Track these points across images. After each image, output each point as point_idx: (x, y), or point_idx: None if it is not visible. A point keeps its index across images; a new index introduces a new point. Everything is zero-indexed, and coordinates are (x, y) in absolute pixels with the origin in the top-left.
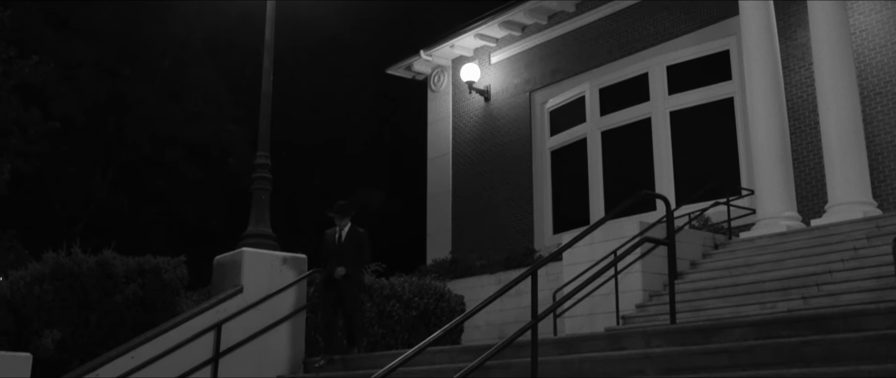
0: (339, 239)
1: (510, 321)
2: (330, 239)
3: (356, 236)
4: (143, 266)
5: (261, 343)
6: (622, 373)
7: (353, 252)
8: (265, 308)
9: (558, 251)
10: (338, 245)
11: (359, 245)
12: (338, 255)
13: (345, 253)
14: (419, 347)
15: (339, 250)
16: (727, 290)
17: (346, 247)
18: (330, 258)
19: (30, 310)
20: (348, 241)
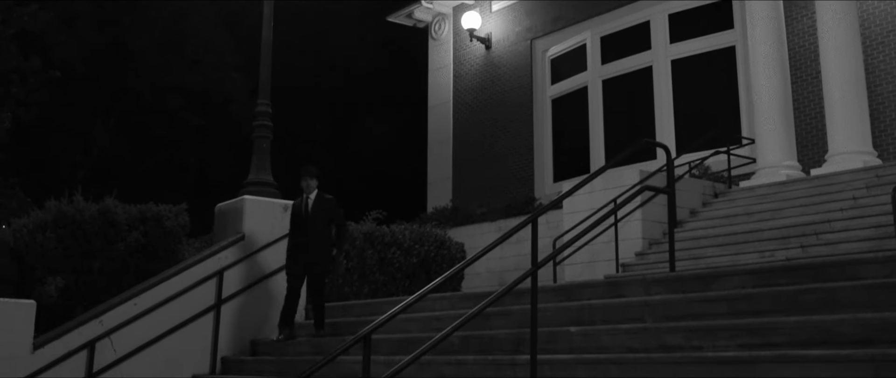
0: (306, 208)
1: (510, 269)
2: (297, 208)
3: (324, 204)
4: (145, 214)
5: (263, 290)
6: (621, 320)
7: (322, 223)
8: (267, 255)
9: (558, 199)
10: (304, 215)
11: (328, 214)
12: (304, 227)
13: (311, 223)
14: (420, 294)
15: (306, 221)
16: (726, 238)
17: (313, 216)
18: (296, 229)
19: (33, 257)
20: (316, 211)
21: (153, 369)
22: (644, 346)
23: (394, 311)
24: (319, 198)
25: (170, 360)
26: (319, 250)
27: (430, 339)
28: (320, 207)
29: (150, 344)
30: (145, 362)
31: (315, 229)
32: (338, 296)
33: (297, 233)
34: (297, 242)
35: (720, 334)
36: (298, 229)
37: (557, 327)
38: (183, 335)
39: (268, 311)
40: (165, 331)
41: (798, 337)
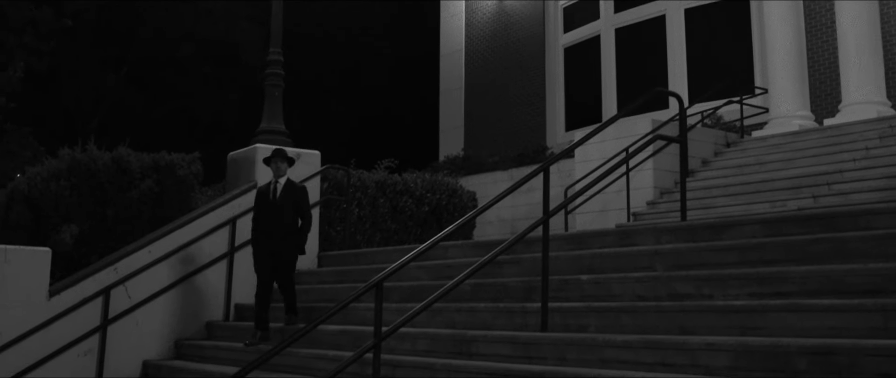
0: (274, 194)
1: (522, 217)
2: (263, 193)
3: (293, 192)
4: (158, 162)
5: None
6: (632, 268)
7: (289, 211)
8: None
9: (570, 148)
10: (271, 200)
11: (295, 202)
12: (270, 214)
13: (278, 211)
14: (431, 242)
15: (272, 208)
16: (738, 188)
17: (280, 204)
18: (261, 215)
19: (47, 205)
20: (284, 198)
21: (168, 316)
22: (654, 295)
23: (405, 259)
24: (290, 185)
25: (184, 307)
26: (284, 239)
27: (441, 286)
28: (289, 195)
29: (165, 291)
30: (160, 309)
31: (281, 218)
32: (350, 244)
33: (261, 219)
34: (260, 230)
35: (731, 283)
36: (263, 216)
37: (568, 276)
38: (197, 282)
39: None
40: (180, 278)
41: (808, 286)
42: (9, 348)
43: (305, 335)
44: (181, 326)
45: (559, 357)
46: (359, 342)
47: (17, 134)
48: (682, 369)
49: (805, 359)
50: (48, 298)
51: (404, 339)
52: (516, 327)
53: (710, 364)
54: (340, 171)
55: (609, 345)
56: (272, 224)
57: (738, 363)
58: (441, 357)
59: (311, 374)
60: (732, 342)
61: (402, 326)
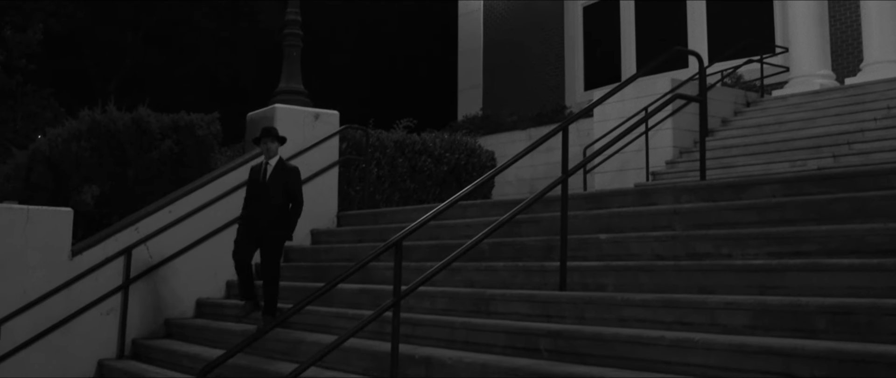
0: (265, 175)
1: (540, 177)
2: (254, 174)
3: (284, 174)
4: (178, 122)
5: None
6: (651, 228)
7: (280, 193)
8: (298, 163)
9: (589, 107)
10: (263, 182)
11: (285, 184)
12: (260, 196)
13: (269, 192)
14: (450, 201)
15: (265, 188)
16: (758, 147)
17: (271, 185)
18: (251, 198)
19: (68, 166)
20: (274, 180)
21: (189, 275)
22: (673, 254)
23: (424, 218)
24: (280, 166)
25: (205, 266)
26: (272, 223)
27: (460, 245)
28: (280, 176)
29: (186, 250)
30: (181, 269)
31: (271, 200)
32: (369, 203)
33: (251, 202)
34: (249, 213)
35: (750, 243)
36: (253, 198)
37: (587, 235)
38: (217, 242)
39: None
40: (200, 237)
41: (828, 246)
42: (33, 307)
43: (325, 294)
44: (201, 286)
45: (578, 316)
46: (378, 301)
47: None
48: (700, 328)
49: (824, 318)
50: (71, 258)
51: (423, 298)
52: (535, 286)
53: (729, 323)
54: (359, 131)
55: (627, 304)
56: (260, 207)
57: (756, 322)
58: (460, 315)
59: (331, 333)
60: (751, 301)
61: (421, 285)
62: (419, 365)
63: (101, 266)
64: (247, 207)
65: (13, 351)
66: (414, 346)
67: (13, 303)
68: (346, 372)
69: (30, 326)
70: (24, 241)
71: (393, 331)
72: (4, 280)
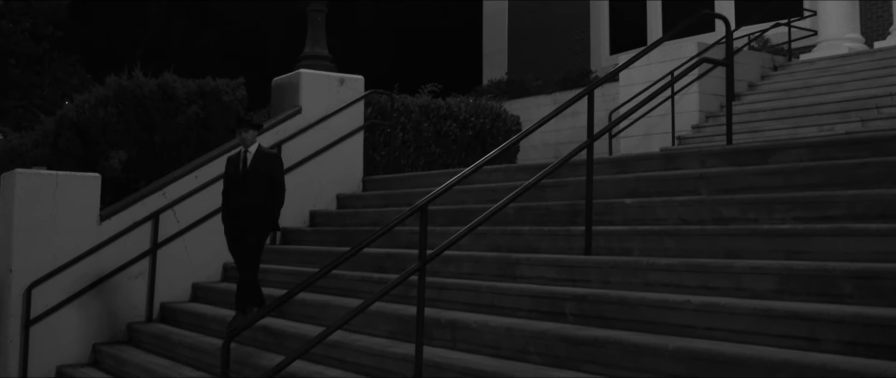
0: (244, 164)
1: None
2: (233, 163)
3: (265, 161)
4: (203, 88)
5: (320, 163)
6: (677, 192)
7: (261, 182)
8: (323, 128)
9: (615, 71)
10: (242, 171)
11: (268, 173)
12: (239, 187)
13: (249, 183)
14: (475, 166)
15: (243, 179)
16: (785, 112)
17: (251, 174)
18: (231, 189)
19: (96, 132)
20: (253, 169)
21: (215, 239)
22: (699, 219)
23: (450, 183)
24: (260, 154)
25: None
26: (254, 216)
27: (485, 210)
28: (261, 165)
29: (212, 215)
30: (207, 233)
31: (252, 190)
32: (394, 168)
33: (230, 194)
34: (229, 207)
35: (776, 207)
36: (233, 190)
37: (613, 199)
38: None
39: (324, 184)
40: None
41: (855, 210)
42: (63, 271)
43: (351, 258)
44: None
45: (603, 280)
46: (403, 265)
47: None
48: (725, 293)
49: (850, 283)
50: (99, 223)
51: (449, 262)
52: (560, 250)
53: (755, 288)
54: (384, 96)
55: (653, 268)
56: (239, 199)
57: (782, 287)
58: (485, 279)
59: (357, 296)
60: (777, 266)
61: (446, 249)
62: (445, 328)
63: (129, 231)
64: (227, 201)
65: (44, 314)
66: (439, 310)
67: (43, 267)
68: (372, 335)
69: (60, 290)
70: (53, 206)
71: (418, 295)
72: (34, 244)
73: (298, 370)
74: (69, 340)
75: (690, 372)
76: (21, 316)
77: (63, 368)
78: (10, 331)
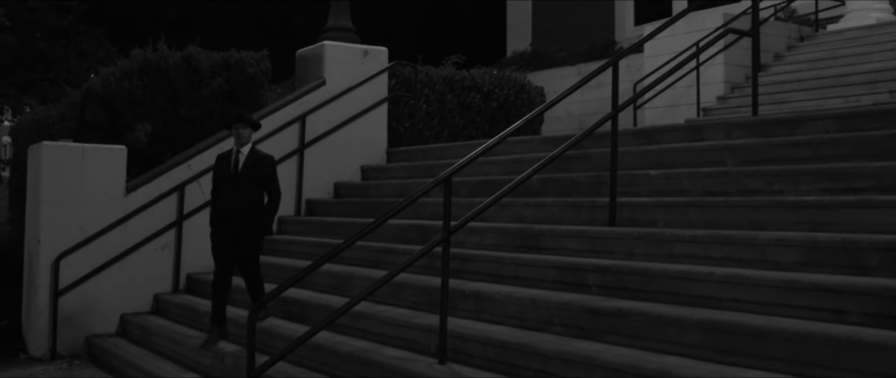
0: (236, 165)
1: (590, 113)
2: (223, 163)
3: (257, 163)
4: (228, 60)
5: (344, 134)
6: (702, 163)
7: (253, 185)
8: (347, 100)
9: (639, 42)
10: (234, 173)
11: (259, 176)
12: (231, 188)
13: (240, 184)
14: (500, 137)
15: (234, 180)
16: (811, 82)
17: (242, 176)
18: (221, 191)
19: (121, 104)
20: (247, 170)
21: None
22: (724, 190)
23: (474, 154)
24: (254, 155)
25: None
26: (246, 220)
27: (509, 181)
28: (253, 165)
29: None
30: None
31: (244, 193)
32: (418, 139)
33: (221, 195)
34: (220, 208)
35: (802, 179)
36: (224, 191)
37: (637, 170)
38: None
39: (348, 156)
40: None
41: (883, 182)
42: (91, 242)
43: (375, 229)
44: None
45: (627, 251)
46: (428, 236)
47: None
48: (750, 264)
49: (877, 255)
50: (125, 195)
51: (473, 234)
52: (584, 222)
53: (780, 259)
54: (408, 68)
55: (677, 239)
56: (232, 201)
57: (807, 259)
58: (509, 251)
59: (382, 267)
60: (802, 238)
61: (470, 221)
62: (469, 299)
63: (155, 202)
64: (217, 201)
65: (72, 284)
66: (463, 281)
67: (71, 238)
68: (397, 306)
69: (87, 261)
70: (80, 178)
71: (443, 266)
72: (62, 216)
73: (323, 340)
74: (97, 310)
75: (714, 343)
76: (50, 286)
77: (92, 338)
78: (40, 301)
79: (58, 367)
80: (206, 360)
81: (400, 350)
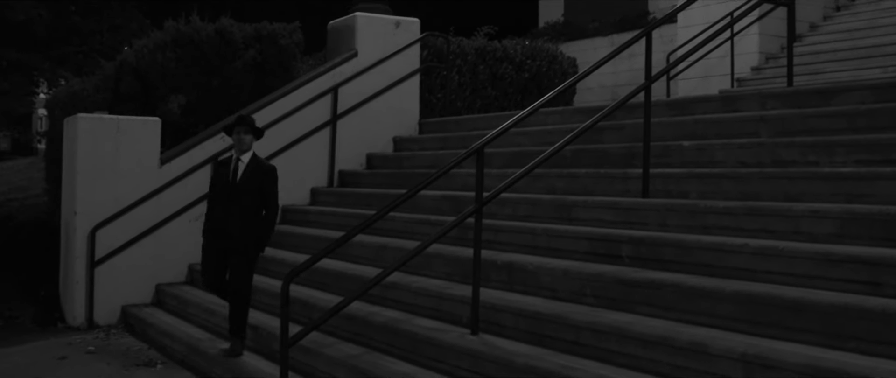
0: (235, 174)
1: (623, 84)
2: (223, 171)
3: (258, 174)
4: (260, 32)
5: (376, 105)
6: (736, 134)
7: (253, 197)
8: (379, 71)
9: (673, 12)
10: (233, 182)
11: (260, 188)
12: (229, 199)
13: (239, 197)
14: (532, 108)
15: (234, 190)
16: (847, 53)
17: (242, 186)
18: (218, 200)
19: (155, 76)
20: (246, 181)
21: None
22: (758, 161)
23: (506, 125)
24: (255, 164)
25: (289, 173)
26: (245, 235)
27: (541, 152)
28: (254, 175)
29: (271, 158)
30: None
31: (243, 204)
32: (450, 110)
33: (218, 207)
34: (215, 222)
35: (837, 150)
36: (221, 202)
37: (670, 141)
38: (300, 150)
39: (380, 127)
40: (284, 145)
41: None
42: (126, 214)
43: (407, 200)
44: (286, 192)
45: (660, 222)
46: (460, 207)
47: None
48: (784, 236)
49: None
50: (159, 166)
51: (505, 205)
52: (617, 193)
53: (814, 231)
54: (440, 39)
55: (710, 211)
56: (228, 213)
57: (843, 231)
58: (541, 222)
59: (414, 238)
60: (838, 210)
61: (503, 192)
62: (501, 270)
63: (188, 174)
64: (213, 213)
65: (108, 255)
66: (496, 252)
67: (107, 209)
68: (429, 277)
69: (123, 232)
70: (115, 149)
71: (475, 237)
72: (98, 187)
73: (356, 310)
74: (133, 281)
75: (748, 315)
76: (86, 257)
77: (127, 308)
78: (77, 271)
79: (95, 336)
80: None
81: (432, 320)
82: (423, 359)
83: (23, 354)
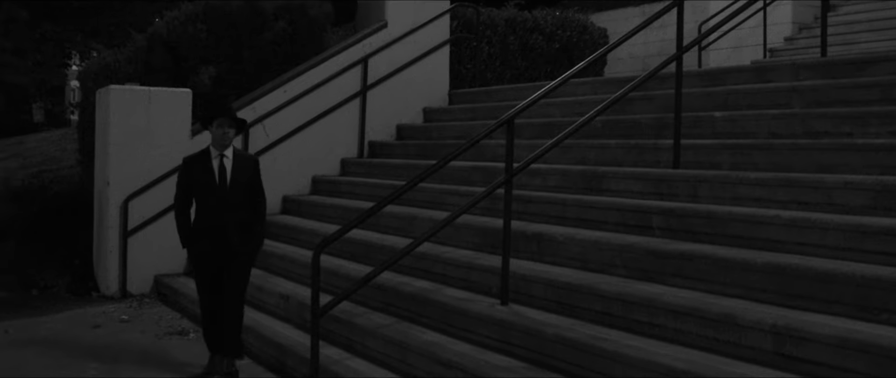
0: (223, 173)
1: (654, 54)
2: (204, 168)
3: (246, 167)
4: (290, 4)
5: (406, 76)
6: (768, 105)
7: (244, 193)
8: (409, 42)
9: None
10: (222, 182)
11: (249, 181)
12: (219, 205)
13: (233, 196)
14: (562, 79)
15: (226, 191)
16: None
17: (233, 183)
18: (208, 201)
19: (185, 48)
20: (236, 180)
21: (304, 153)
22: (790, 132)
23: (536, 96)
24: (240, 159)
25: (319, 144)
26: (244, 236)
27: (572, 123)
28: (244, 171)
29: (301, 129)
30: (296, 147)
31: (238, 205)
32: (480, 81)
33: (208, 208)
34: (208, 224)
35: (871, 121)
36: (211, 202)
37: (701, 112)
38: (331, 121)
39: (410, 98)
40: (314, 116)
41: None
42: (158, 184)
43: (437, 171)
44: (316, 164)
45: (691, 194)
46: (490, 178)
47: None
48: (817, 208)
49: None
50: (191, 137)
51: (535, 175)
52: (648, 164)
53: (847, 203)
54: (470, 9)
55: (742, 182)
56: (221, 217)
57: (876, 203)
58: (572, 193)
59: (444, 209)
60: (871, 181)
61: (533, 162)
62: (531, 241)
63: None
64: (203, 217)
65: (141, 225)
66: (525, 223)
67: (139, 180)
68: (459, 247)
69: (155, 202)
70: (147, 120)
71: (505, 207)
72: (130, 158)
73: (386, 280)
74: (165, 250)
75: (779, 287)
76: (119, 227)
77: (160, 277)
78: (110, 241)
79: (128, 305)
80: (271, 299)
81: (462, 290)
82: (452, 328)
83: (58, 322)
